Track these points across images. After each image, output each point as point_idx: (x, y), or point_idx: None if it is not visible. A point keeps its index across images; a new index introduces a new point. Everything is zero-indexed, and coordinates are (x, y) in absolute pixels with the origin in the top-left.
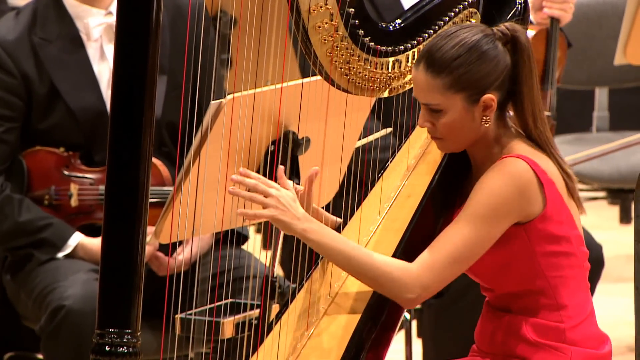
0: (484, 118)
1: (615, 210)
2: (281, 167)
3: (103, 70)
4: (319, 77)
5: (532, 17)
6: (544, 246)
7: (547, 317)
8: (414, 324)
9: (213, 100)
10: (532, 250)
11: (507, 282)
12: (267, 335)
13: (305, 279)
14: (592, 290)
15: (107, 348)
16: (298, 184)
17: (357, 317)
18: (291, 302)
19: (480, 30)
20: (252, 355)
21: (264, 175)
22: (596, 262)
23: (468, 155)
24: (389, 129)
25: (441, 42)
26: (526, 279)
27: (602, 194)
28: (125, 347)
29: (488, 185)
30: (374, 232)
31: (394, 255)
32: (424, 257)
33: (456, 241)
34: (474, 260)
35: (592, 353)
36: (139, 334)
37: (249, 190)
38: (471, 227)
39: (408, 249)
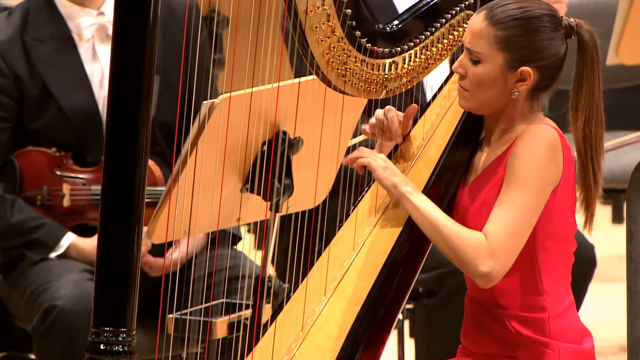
0: (514, 88)
1: (607, 210)
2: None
3: (95, 70)
4: (312, 77)
5: None
6: (544, 224)
7: (529, 303)
8: (407, 323)
9: (206, 100)
10: (535, 225)
11: None
12: (262, 335)
13: (300, 279)
14: (585, 290)
15: (102, 347)
16: (291, 184)
17: (353, 317)
18: (286, 302)
19: (549, 10)
20: (246, 355)
21: (259, 175)
22: (588, 262)
23: (469, 142)
24: None
25: (509, 0)
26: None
27: None
28: (121, 346)
29: (528, 150)
30: (370, 233)
31: (390, 254)
32: (490, 233)
33: (514, 212)
34: (531, 229)
35: (578, 349)
36: (134, 332)
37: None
38: (523, 194)
39: (407, 243)
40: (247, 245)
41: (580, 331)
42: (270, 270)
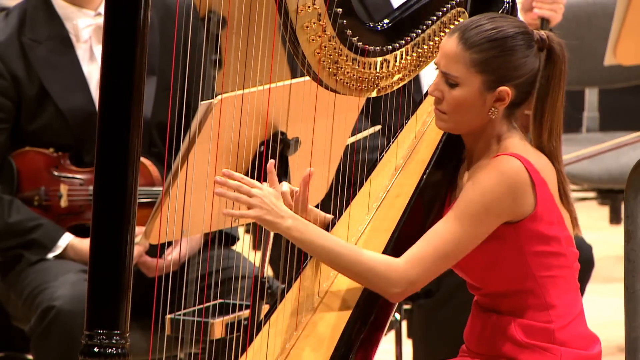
0: (493, 109)
1: (605, 211)
2: (271, 162)
3: (92, 71)
4: (308, 78)
5: (522, 18)
6: (533, 246)
7: (535, 317)
8: (404, 324)
9: (202, 100)
10: (522, 249)
11: (495, 281)
12: (256, 335)
13: (294, 279)
14: (582, 290)
15: (95, 349)
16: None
17: (346, 317)
18: (280, 302)
19: (522, 27)
20: (241, 355)
21: (254, 175)
22: (586, 263)
23: (457, 151)
24: (378, 127)
25: (482, 21)
26: (515, 279)
27: (592, 194)
28: (114, 348)
29: (480, 183)
30: (363, 232)
31: (384, 253)
32: (412, 252)
33: (445, 237)
34: (461, 257)
35: (582, 354)
36: (127, 335)
37: (234, 191)
38: (460, 224)
39: (397, 248)
40: (243, 245)
41: (588, 338)
42: (268, 271)
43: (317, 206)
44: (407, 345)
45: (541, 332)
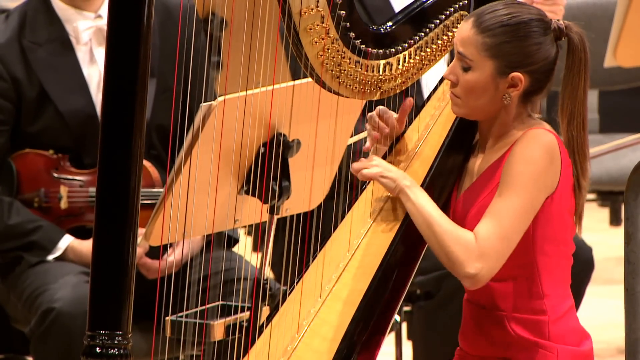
0: (506, 94)
1: (605, 213)
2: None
3: (92, 73)
4: (309, 80)
5: None
6: (542, 227)
7: (529, 306)
8: (404, 326)
9: (203, 102)
10: (533, 229)
11: None
12: (258, 337)
13: (296, 281)
14: (582, 292)
15: (97, 350)
16: (289, 186)
17: (348, 319)
18: (282, 304)
19: (538, 14)
20: (243, 357)
21: (256, 176)
22: (586, 264)
23: (463, 145)
24: None
25: (498, 6)
26: (515, 261)
27: (592, 196)
28: (116, 349)
29: (524, 155)
30: (365, 235)
31: (385, 256)
32: (481, 234)
33: (507, 215)
34: (522, 233)
35: (576, 350)
36: (129, 335)
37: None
38: (516, 198)
39: (402, 244)
40: (245, 247)
41: (580, 333)
42: (269, 273)
43: (318, 207)
44: (407, 346)
45: (536, 326)
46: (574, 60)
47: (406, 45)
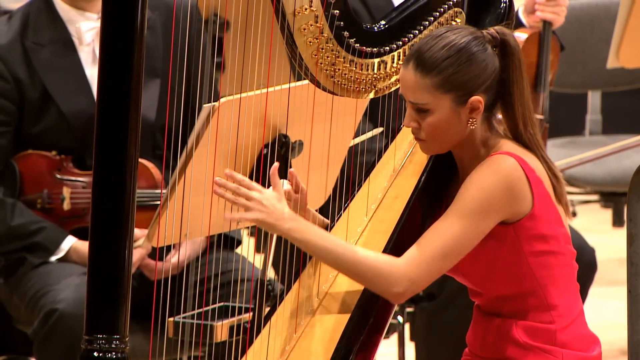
0: (471, 120)
1: (608, 214)
2: (275, 165)
3: (95, 74)
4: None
5: (524, 20)
6: (532, 245)
7: (537, 318)
8: (407, 327)
9: (206, 103)
10: (521, 250)
11: (496, 285)
12: (256, 337)
13: (293, 280)
14: (585, 293)
15: (95, 354)
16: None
17: (346, 319)
18: (279, 304)
19: (470, 33)
20: (241, 357)
21: (257, 178)
22: (589, 266)
23: (454, 157)
24: (381, 129)
25: (431, 42)
26: (516, 280)
27: (595, 197)
28: (114, 353)
29: (477, 181)
30: (361, 233)
31: None
32: (412, 252)
33: (444, 236)
34: (461, 256)
35: (584, 355)
36: (127, 339)
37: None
38: (459, 222)
39: (395, 250)
40: (248, 248)
41: (588, 339)
42: (271, 274)
43: (318, 208)
44: (410, 348)
45: (543, 333)
46: (514, 63)
47: (400, 43)
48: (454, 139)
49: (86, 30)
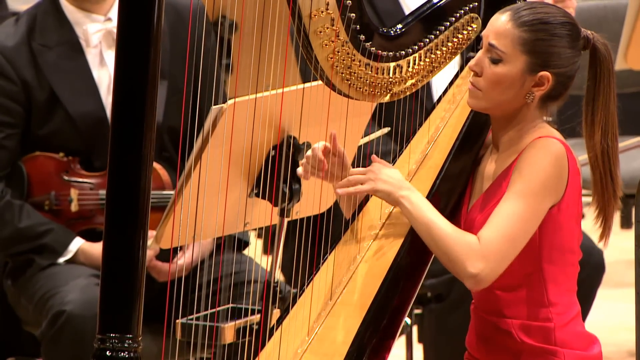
0: (530, 93)
1: (615, 216)
2: (374, 156)
3: (102, 76)
4: (319, 82)
5: None
6: (549, 235)
7: (534, 315)
8: (415, 329)
9: (214, 105)
10: (540, 238)
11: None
12: (268, 340)
13: (306, 284)
14: (593, 295)
15: (108, 353)
16: (299, 189)
17: (358, 322)
18: (292, 307)
19: (572, 19)
20: (253, 359)
21: (265, 180)
22: (597, 268)
23: (472, 149)
24: (387, 129)
25: (534, 4)
26: (522, 269)
27: None
28: (127, 352)
29: (533, 162)
30: (375, 237)
31: (395, 259)
32: (483, 235)
33: (511, 219)
34: (527, 238)
35: (585, 355)
36: (140, 338)
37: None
38: (523, 202)
39: (409, 257)
40: (256, 250)
41: (587, 338)
42: (279, 275)
43: (328, 210)
44: (418, 349)
45: (541, 332)
46: (602, 71)
47: (416, 47)
48: (505, 104)
49: (93, 32)
